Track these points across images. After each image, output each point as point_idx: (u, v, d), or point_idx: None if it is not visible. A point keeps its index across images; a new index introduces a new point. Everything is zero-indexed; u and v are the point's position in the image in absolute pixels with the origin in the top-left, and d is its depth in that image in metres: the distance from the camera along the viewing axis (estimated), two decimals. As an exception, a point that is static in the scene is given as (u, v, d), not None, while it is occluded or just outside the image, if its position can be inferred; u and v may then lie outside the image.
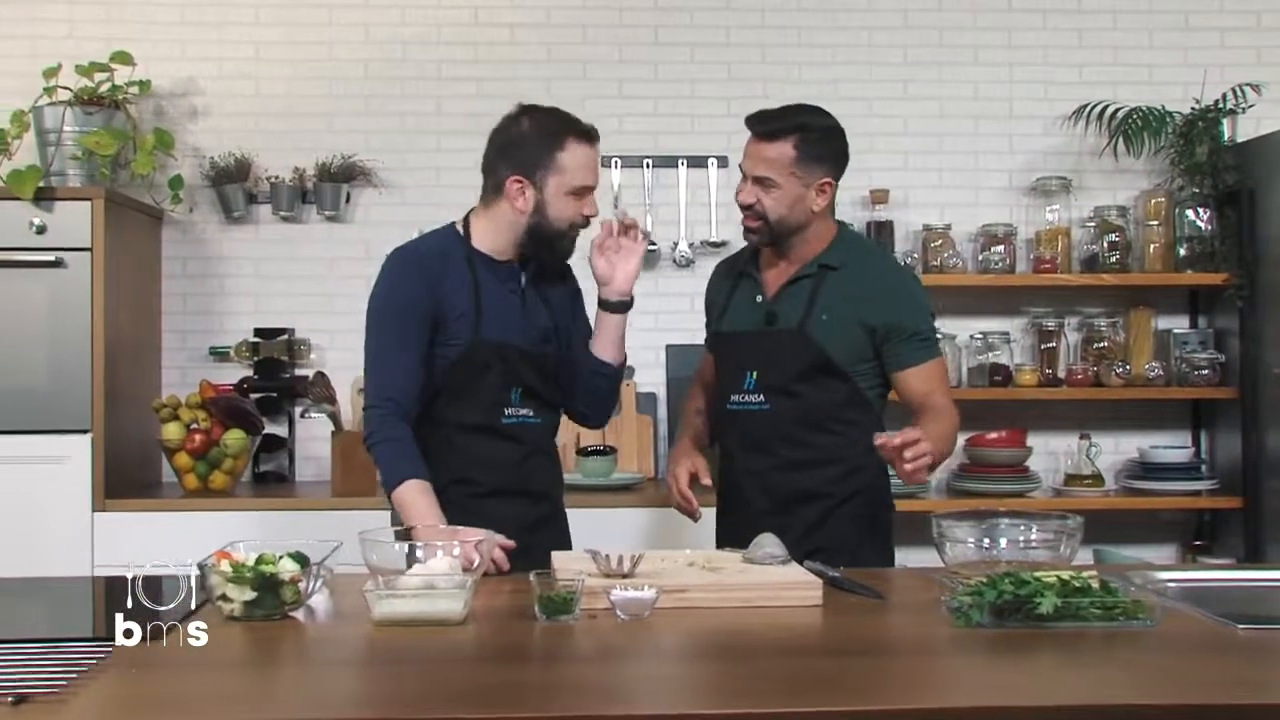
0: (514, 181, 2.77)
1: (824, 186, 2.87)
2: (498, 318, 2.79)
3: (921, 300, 2.93)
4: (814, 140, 2.87)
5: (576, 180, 2.78)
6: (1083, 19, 4.75)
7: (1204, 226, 4.48)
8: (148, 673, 1.82)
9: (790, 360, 2.86)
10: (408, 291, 2.77)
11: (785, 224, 2.88)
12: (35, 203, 3.97)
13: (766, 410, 2.89)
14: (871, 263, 2.98)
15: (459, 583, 2.12)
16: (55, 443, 3.97)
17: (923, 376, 2.86)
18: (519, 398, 2.83)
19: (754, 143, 2.91)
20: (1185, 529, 4.68)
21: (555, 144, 2.77)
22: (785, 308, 2.90)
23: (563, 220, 2.79)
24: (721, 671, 1.93)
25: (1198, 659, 1.92)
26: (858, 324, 2.84)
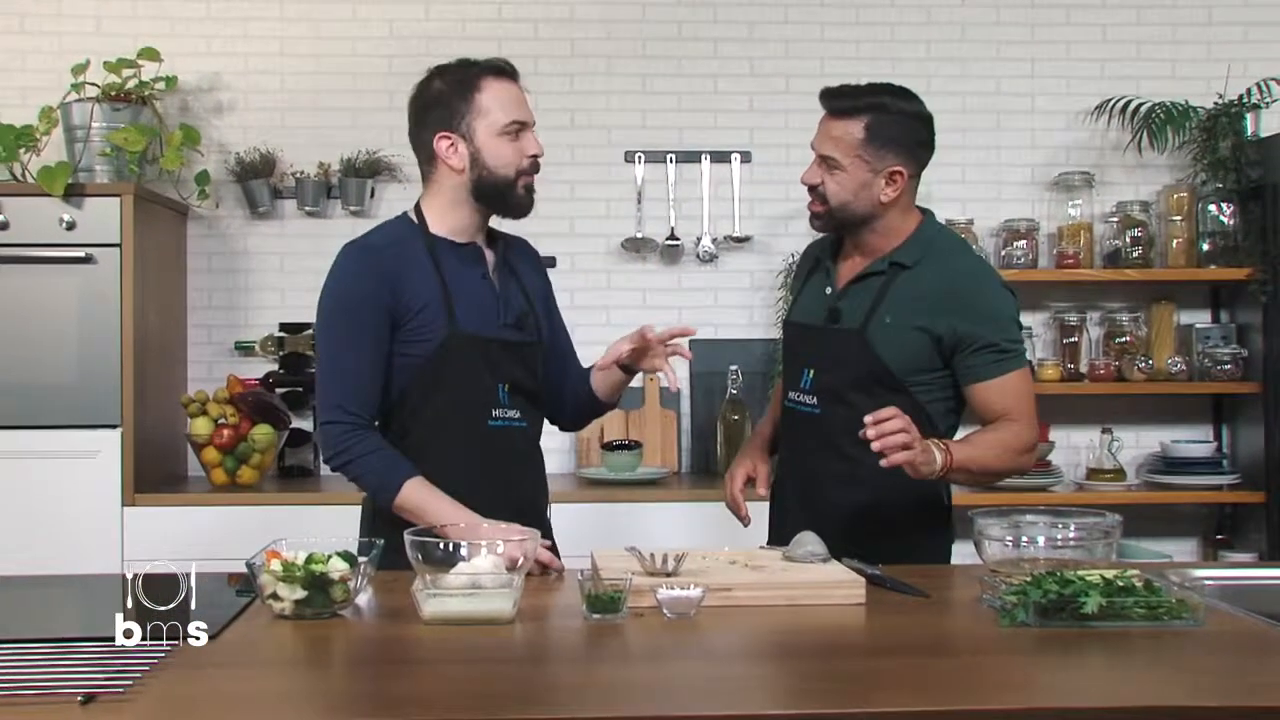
0: (441, 139, 2.59)
1: (894, 175, 2.62)
2: (472, 306, 2.61)
3: (1000, 307, 2.65)
4: (887, 123, 2.62)
5: (504, 117, 2.58)
6: (1105, 13, 4.76)
7: (1227, 221, 4.49)
8: (209, 672, 1.84)
9: (847, 364, 2.66)
10: (362, 287, 2.56)
11: (848, 212, 2.66)
12: (65, 199, 3.99)
13: (817, 415, 2.71)
14: (948, 263, 2.68)
15: (508, 581, 2.13)
16: (85, 438, 4.00)
17: (998, 392, 2.61)
18: (506, 395, 2.65)
19: (825, 120, 2.68)
20: (1207, 523, 4.69)
21: (471, 87, 2.59)
22: (850, 305, 2.69)
23: (504, 165, 2.59)
24: (770, 672, 1.95)
25: (1246, 660, 1.94)
26: (921, 330, 2.60)
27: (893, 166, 2.63)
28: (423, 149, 2.66)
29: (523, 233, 4.51)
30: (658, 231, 4.66)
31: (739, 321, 4.66)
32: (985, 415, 2.65)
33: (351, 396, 2.56)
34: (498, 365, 2.64)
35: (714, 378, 4.57)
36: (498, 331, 2.65)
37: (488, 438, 2.64)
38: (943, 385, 2.67)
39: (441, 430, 2.61)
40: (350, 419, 2.55)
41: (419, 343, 2.58)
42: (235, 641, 2.01)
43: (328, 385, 2.60)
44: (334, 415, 2.56)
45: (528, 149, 2.63)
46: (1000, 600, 2.12)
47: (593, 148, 4.68)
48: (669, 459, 4.58)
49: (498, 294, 2.68)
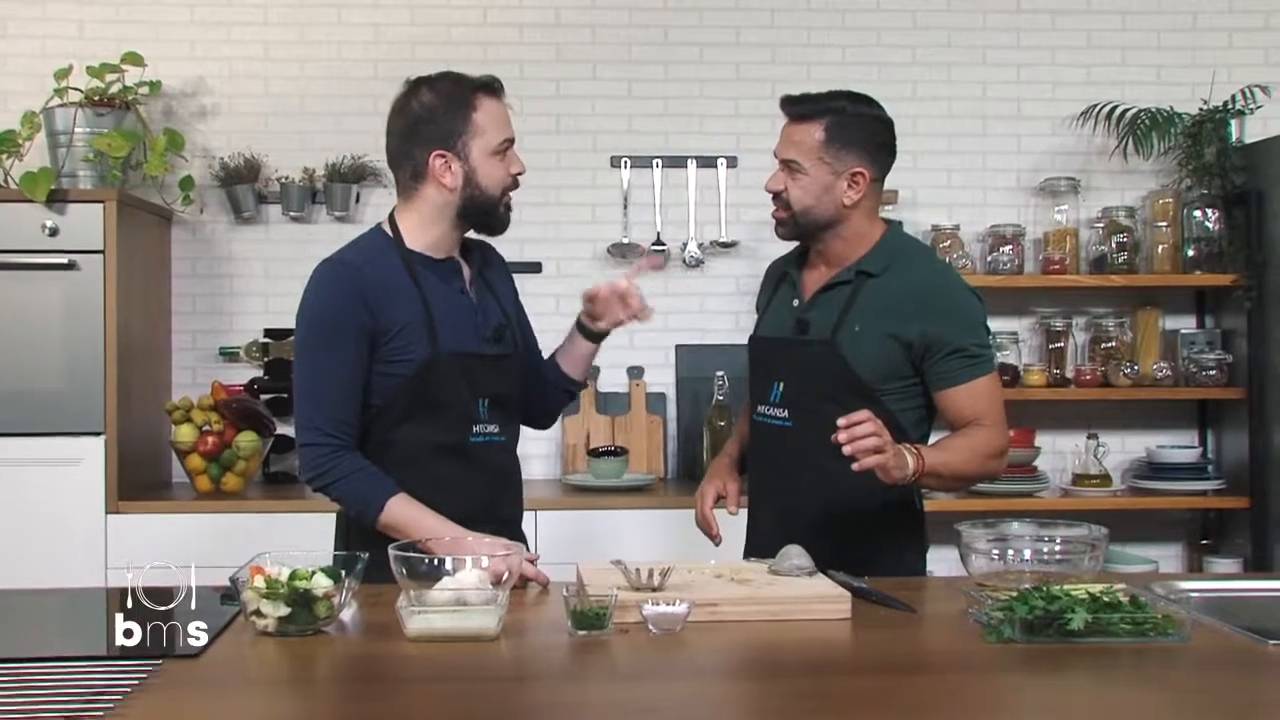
0: (437, 158, 2.55)
1: (856, 177, 2.64)
2: (452, 324, 2.58)
3: (968, 311, 2.66)
4: (846, 124, 2.64)
5: (498, 137, 2.59)
6: (1091, 20, 4.76)
7: (1212, 227, 4.50)
8: (190, 693, 1.83)
9: (818, 375, 2.66)
10: (344, 306, 2.52)
11: (811, 216, 2.67)
12: (48, 205, 3.96)
13: (789, 428, 2.70)
14: (914, 270, 2.69)
15: (493, 598, 2.12)
16: (69, 445, 3.98)
17: (968, 397, 2.61)
18: (487, 410, 2.63)
19: (786, 126, 2.71)
20: (1192, 528, 4.70)
21: (467, 105, 2.57)
22: (818, 316, 2.69)
23: (495, 185, 2.60)
24: (757, 690, 1.94)
25: (1232, 678, 1.94)
26: (891, 337, 2.61)
27: (854, 168, 2.65)
28: (408, 164, 2.61)
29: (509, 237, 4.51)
30: (644, 236, 4.66)
31: (725, 327, 4.66)
32: (955, 421, 2.65)
33: (330, 418, 2.53)
34: (478, 380, 2.63)
35: (700, 383, 4.56)
36: (478, 346, 2.63)
37: (469, 453, 2.63)
38: (914, 393, 2.67)
39: (423, 447, 2.59)
40: (329, 440, 2.52)
41: (400, 361, 2.56)
42: (219, 659, 2.00)
43: (306, 405, 2.56)
44: (313, 437, 2.53)
45: (513, 168, 2.65)
46: (986, 616, 2.11)
47: (578, 153, 4.68)
48: (655, 465, 4.57)
49: (476, 308, 2.67)
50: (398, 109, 2.64)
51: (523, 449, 4.50)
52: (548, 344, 4.53)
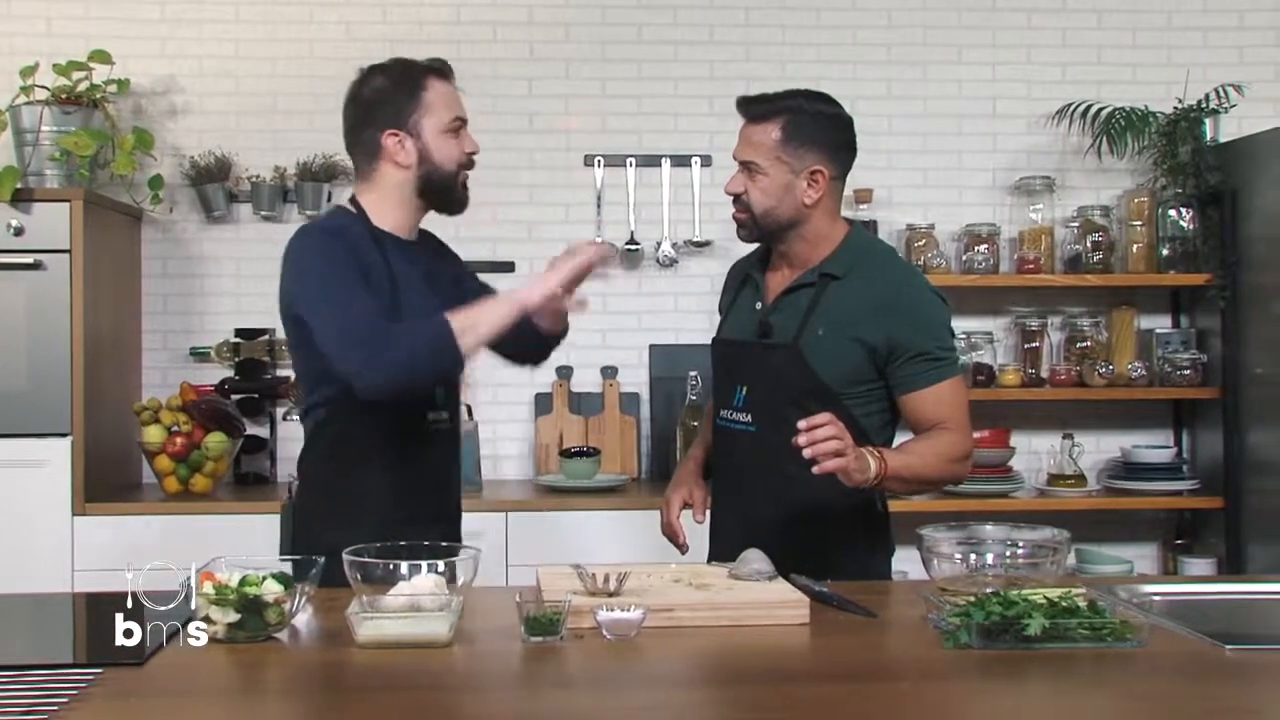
0: (389, 136, 2.60)
1: (815, 175, 2.61)
2: (415, 309, 2.57)
3: (931, 314, 2.63)
4: (803, 123, 2.62)
5: (449, 114, 2.63)
6: (1066, 18, 4.75)
7: (1186, 227, 4.49)
8: (132, 703, 1.80)
9: (781, 379, 2.62)
10: (344, 249, 2.51)
11: (772, 217, 2.64)
12: (13, 204, 3.93)
13: (753, 433, 2.67)
14: (877, 272, 2.66)
15: (444, 604, 2.10)
16: (34, 446, 3.95)
17: (931, 401, 2.59)
18: (442, 398, 2.67)
19: (743, 128, 2.69)
20: (1167, 528, 4.70)
21: (417, 86, 2.62)
22: (781, 319, 2.67)
23: (450, 161, 2.63)
24: (709, 698, 1.92)
25: (1188, 683, 1.92)
26: (855, 341, 2.58)
27: (812, 166, 2.62)
28: (364, 146, 2.65)
29: (482, 237, 4.56)
30: (617, 236, 4.63)
31: (699, 326, 4.62)
32: (919, 425, 2.63)
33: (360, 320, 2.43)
34: None
35: (674, 383, 4.55)
36: None
37: (427, 439, 2.65)
38: (878, 397, 2.64)
39: (384, 431, 2.59)
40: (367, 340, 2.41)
41: None
42: (165, 667, 1.97)
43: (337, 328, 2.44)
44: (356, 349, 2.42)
45: (467, 146, 2.67)
46: (944, 621, 2.09)
47: (552, 151, 4.65)
48: (628, 465, 4.55)
49: (430, 294, 2.66)
50: (351, 96, 2.70)
51: (495, 449, 4.59)
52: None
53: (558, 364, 4.60)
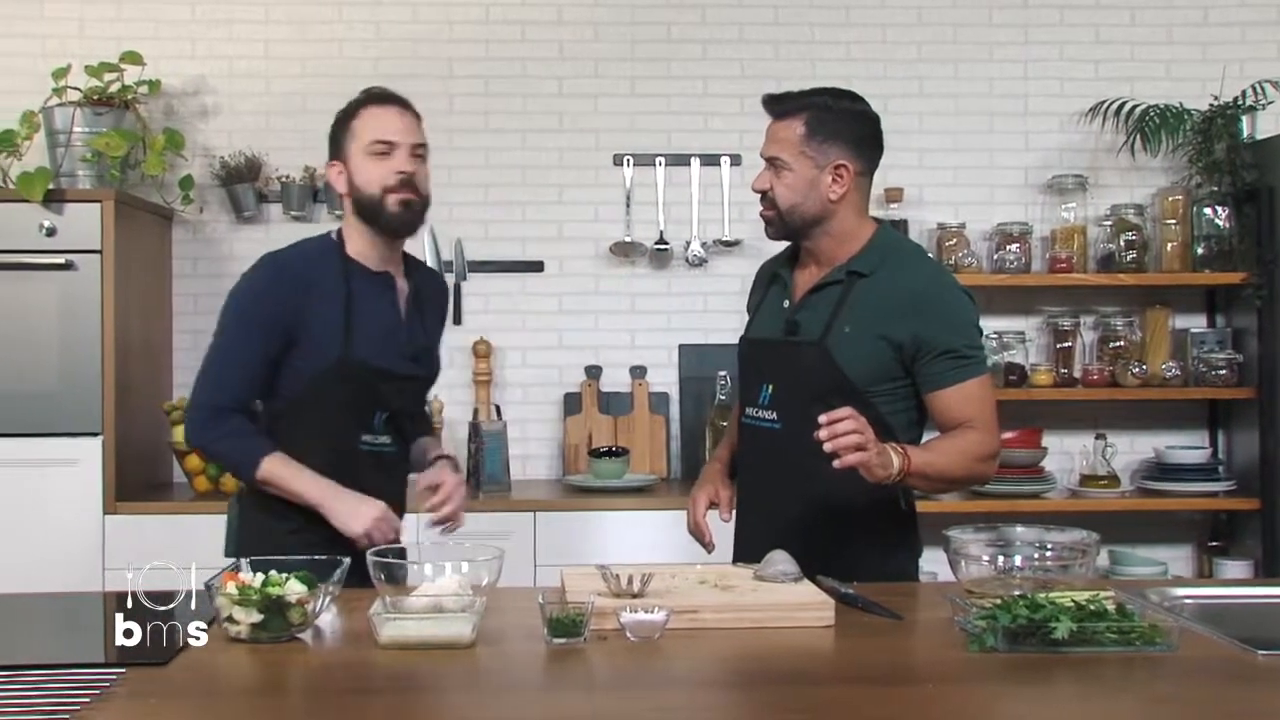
0: (331, 167, 2.74)
1: (840, 170, 2.60)
2: (370, 335, 2.67)
3: (959, 312, 2.61)
4: (827, 118, 2.61)
5: (368, 136, 2.67)
6: (1100, 14, 4.71)
7: (1222, 225, 4.44)
8: (153, 704, 1.80)
9: (807, 377, 2.60)
10: (270, 300, 2.66)
11: (798, 213, 2.63)
12: (45, 205, 3.95)
13: (778, 430, 2.65)
14: (905, 270, 2.64)
15: (467, 604, 2.09)
16: (66, 445, 3.97)
17: (958, 400, 2.56)
18: (382, 424, 2.73)
19: (769, 126, 2.69)
20: (1202, 530, 4.64)
21: (351, 115, 2.73)
22: (808, 317, 2.65)
23: (371, 184, 2.66)
24: (733, 701, 1.91)
25: (1216, 688, 1.89)
26: (881, 338, 2.56)
27: (836, 161, 2.61)
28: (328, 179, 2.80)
29: (511, 236, 4.56)
30: (646, 235, 4.63)
31: (728, 326, 4.60)
32: (945, 423, 2.60)
33: (221, 388, 2.66)
34: (380, 394, 2.71)
35: (703, 383, 4.53)
36: (392, 362, 2.72)
37: (353, 458, 2.70)
38: (904, 395, 2.63)
39: (312, 446, 2.66)
40: (214, 404, 2.66)
41: (311, 359, 2.65)
42: (188, 666, 1.97)
43: (203, 380, 2.70)
44: (199, 399, 2.69)
45: (393, 165, 2.68)
46: (970, 624, 2.07)
47: (581, 151, 4.64)
48: (657, 465, 4.54)
49: (402, 325, 2.76)
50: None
51: (524, 449, 4.58)
52: (547, 342, 4.57)
53: (587, 364, 4.60)
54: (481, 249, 4.51)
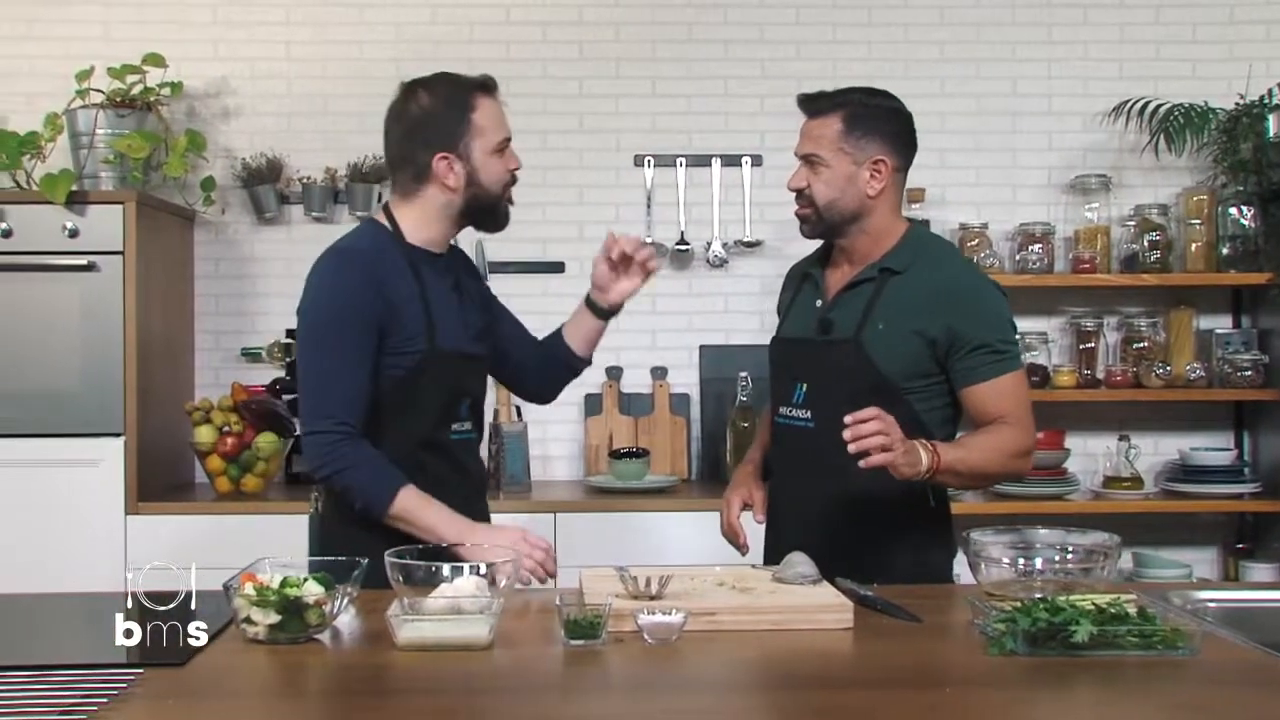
0: (440, 160, 2.58)
1: (878, 165, 2.62)
2: (448, 322, 2.61)
3: (993, 308, 2.62)
4: (864, 114, 2.64)
5: (497, 136, 2.62)
6: (1124, 13, 4.68)
7: (1248, 225, 4.40)
8: (170, 704, 1.80)
9: (842, 375, 2.61)
10: (361, 297, 2.52)
11: (835, 210, 2.64)
12: (68, 206, 3.96)
13: (811, 429, 2.65)
14: (938, 266, 2.66)
15: (485, 606, 2.09)
16: (88, 446, 3.98)
17: (992, 395, 2.57)
18: (467, 410, 2.68)
19: (804, 124, 2.71)
20: (1227, 532, 4.60)
21: (467, 106, 2.60)
22: (842, 315, 2.66)
23: (497, 183, 2.62)
24: (750, 704, 1.90)
25: (1240, 693, 1.87)
26: (915, 334, 2.57)
27: (875, 156, 2.64)
28: (410, 166, 2.63)
29: (532, 237, 4.56)
30: (667, 236, 4.61)
31: (749, 327, 4.61)
32: (979, 419, 2.61)
33: (342, 406, 2.51)
34: (463, 380, 2.67)
35: (724, 384, 4.52)
36: (468, 345, 2.67)
37: (448, 450, 2.65)
38: (939, 392, 2.63)
39: (409, 442, 2.59)
40: (339, 429, 2.50)
41: (401, 355, 2.56)
42: (206, 667, 1.97)
43: (315, 394, 2.55)
44: (322, 425, 2.51)
45: (511, 164, 2.66)
46: (989, 628, 2.06)
47: (602, 151, 4.64)
48: (678, 467, 4.53)
49: (462, 307, 2.70)
50: (395, 113, 2.67)
51: (545, 449, 4.58)
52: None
53: (608, 365, 4.59)
54: (502, 250, 4.50)
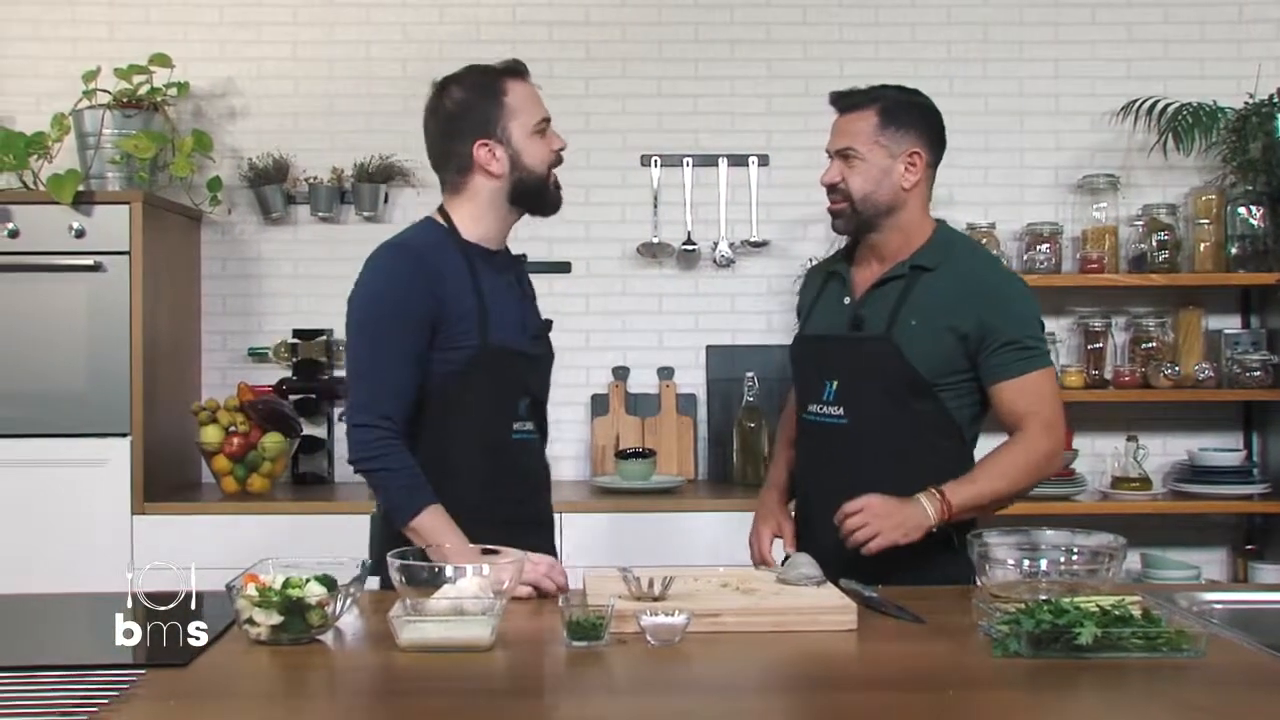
0: (480, 147, 2.57)
1: (913, 158, 2.65)
2: (503, 318, 2.59)
3: (1023, 304, 2.66)
4: (898, 109, 2.68)
5: (534, 117, 2.61)
6: (1132, 12, 4.66)
7: (1257, 224, 4.38)
8: (171, 705, 1.80)
9: (874, 371, 2.63)
10: (408, 292, 2.51)
11: (871, 203, 2.66)
12: (74, 207, 3.96)
13: (844, 425, 2.67)
14: (968, 262, 2.70)
15: (487, 607, 2.09)
16: (94, 446, 3.98)
17: (1019, 392, 2.60)
18: (526, 409, 2.65)
19: (837, 120, 2.74)
20: (1236, 533, 4.59)
21: (497, 91, 2.60)
22: (872, 312, 2.67)
23: (541, 163, 2.61)
24: (752, 706, 1.88)
25: (1246, 695, 1.86)
26: (947, 330, 2.59)
27: (910, 149, 2.67)
28: (455, 159, 2.62)
29: (539, 237, 4.54)
30: (674, 236, 4.61)
31: (756, 327, 4.60)
32: (1007, 417, 2.63)
33: (388, 402, 2.50)
34: (521, 379, 2.64)
35: (731, 384, 4.51)
36: (524, 344, 2.65)
37: (509, 450, 2.63)
38: (968, 390, 2.66)
39: (467, 441, 2.58)
40: (385, 426, 2.49)
41: (453, 350, 2.54)
42: (207, 668, 1.97)
43: (363, 387, 2.53)
44: (368, 419, 2.50)
45: (554, 144, 2.67)
46: (993, 629, 2.05)
47: (608, 151, 4.63)
48: (685, 467, 4.52)
49: (522, 305, 2.70)
50: (431, 110, 2.67)
51: (551, 450, 4.50)
52: (575, 343, 4.54)
53: (614, 365, 4.59)
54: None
